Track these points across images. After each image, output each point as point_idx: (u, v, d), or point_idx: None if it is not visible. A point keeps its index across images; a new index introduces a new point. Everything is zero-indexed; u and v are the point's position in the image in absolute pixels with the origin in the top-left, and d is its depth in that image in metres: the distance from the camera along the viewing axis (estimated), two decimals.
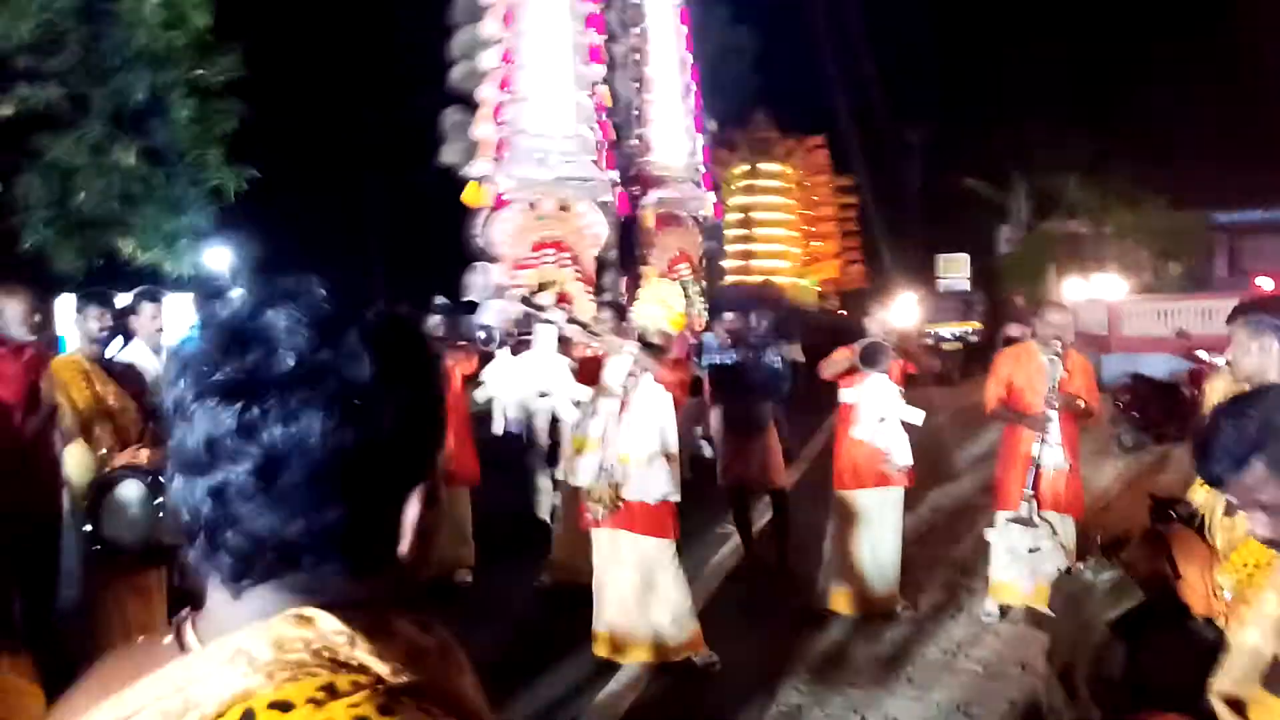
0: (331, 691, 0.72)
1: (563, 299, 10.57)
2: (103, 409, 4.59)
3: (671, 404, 5.01)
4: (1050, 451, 5.44)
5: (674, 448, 5.02)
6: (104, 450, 4.48)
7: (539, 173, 10.72)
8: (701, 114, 14.82)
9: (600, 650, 5.01)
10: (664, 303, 4.93)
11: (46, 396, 4.59)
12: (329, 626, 0.75)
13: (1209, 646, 2.73)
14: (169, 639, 0.83)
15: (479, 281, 7.30)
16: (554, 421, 7.19)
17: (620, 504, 4.89)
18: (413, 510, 0.82)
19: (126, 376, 4.88)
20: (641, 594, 4.91)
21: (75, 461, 4.53)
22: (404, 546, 0.82)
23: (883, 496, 5.86)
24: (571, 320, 6.76)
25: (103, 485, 4.14)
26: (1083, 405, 5.48)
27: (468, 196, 10.61)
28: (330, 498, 0.77)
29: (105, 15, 6.60)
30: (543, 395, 6.95)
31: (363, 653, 0.75)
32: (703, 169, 14.84)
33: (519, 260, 10.32)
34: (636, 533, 4.93)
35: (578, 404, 6.51)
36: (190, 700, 0.73)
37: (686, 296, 5.64)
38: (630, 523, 4.93)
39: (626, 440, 4.94)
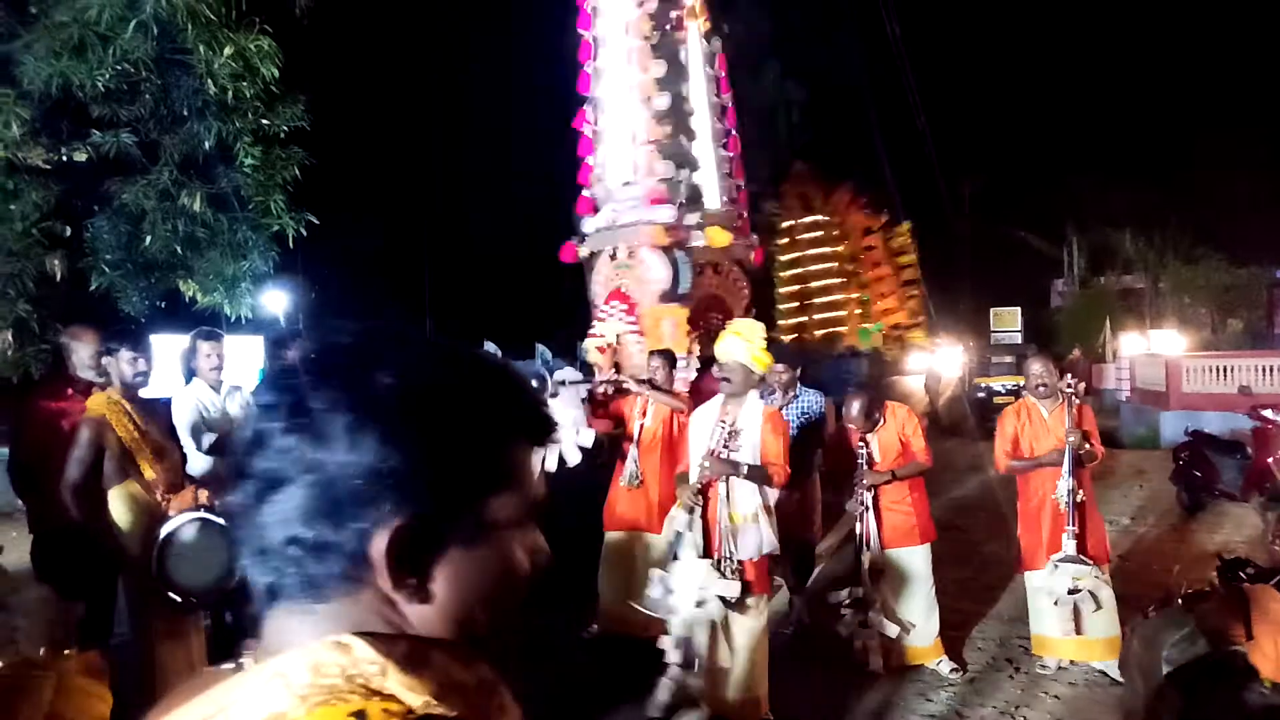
0: (361, 718, 0.73)
1: (613, 353, 10.65)
2: (153, 448, 4.47)
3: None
4: (1064, 482, 5.38)
5: (772, 500, 4.70)
6: (159, 492, 4.39)
7: (612, 220, 11.04)
8: (741, 160, 14.77)
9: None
10: (748, 340, 4.70)
11: (93, 437, 4.41)
12: (363, 654, 0.77)
13: (1267, 713, 2.62)
14: (233, 664, 0.85)
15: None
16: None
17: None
18: (378, 542, 0.80)
19: (158, 414, 4.77)
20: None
21: (122, 502, 4.41)
22: (383, 582, 0.81)
23: (907, 556, 5.71)
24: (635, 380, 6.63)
25: (168, 530, 4.13)
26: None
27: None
28: (313, 519, 0.80)
29: (179, 66, 6.83)
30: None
31: (394, 683, 0.76)
32: (744, 215, 14.76)
33: (595, 314, 10.48)
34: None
35: (583, 450, 6.42)
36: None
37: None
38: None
39: (735, 497, 4.64)
